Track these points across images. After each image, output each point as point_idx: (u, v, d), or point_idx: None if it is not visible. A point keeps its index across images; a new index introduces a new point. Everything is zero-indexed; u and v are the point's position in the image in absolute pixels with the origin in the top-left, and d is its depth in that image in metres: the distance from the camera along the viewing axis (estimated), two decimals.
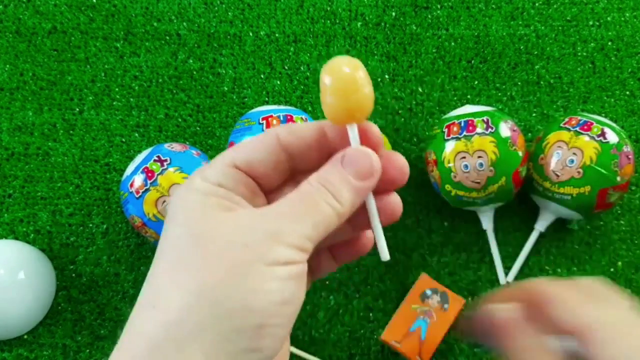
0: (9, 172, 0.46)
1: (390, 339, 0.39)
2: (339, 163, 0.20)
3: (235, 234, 0.18)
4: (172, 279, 0.17)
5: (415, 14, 0.51)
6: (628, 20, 0.51)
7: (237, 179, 0.20)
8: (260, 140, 0.21)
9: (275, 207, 0.19)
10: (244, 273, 0.17)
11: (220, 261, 0.17)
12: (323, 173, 0.20)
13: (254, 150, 0.20)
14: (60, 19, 0.50)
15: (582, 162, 0.39)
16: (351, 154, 0.20)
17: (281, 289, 0.17)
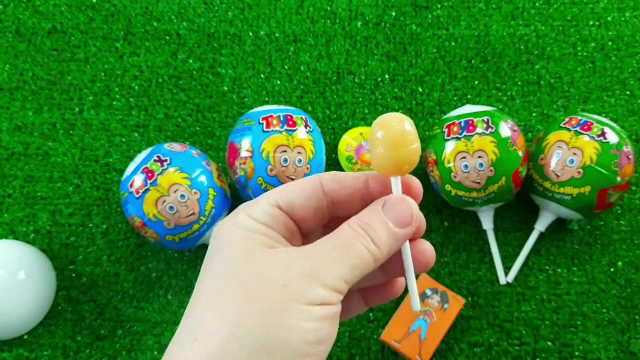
0: (9, 172, 0.46)
1: (390, 339, 0.39)
2: (380, 208, 0.20)
3: (275, 273, 0.18)
4: (214, 313, 0.18)
5: (416, 14, 0.51)
6: (628, 20, 0.51)
7: (278, 218, 0.21)
8: (304, 185, 0.21)
9: (314, 247, 0.19)
10: (283, 312, 0.18)
11: (260, 300, 0.18)
12: (364, 217, 0.20)
13: (298, 194, 0.21)
14: (60, 18, 0.50)
15: (582, 162, 0.39)
16: (393, 200, 0.21)
17: (317, 328, 0.18)
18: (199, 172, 0.38)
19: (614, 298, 0.43)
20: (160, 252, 0.44)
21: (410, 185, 0.22)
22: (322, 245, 0.19)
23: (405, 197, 0.21)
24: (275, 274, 0.18)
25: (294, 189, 0.21)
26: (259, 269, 0.18)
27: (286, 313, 0.17)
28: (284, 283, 0.18)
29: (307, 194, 0.21)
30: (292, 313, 0.18)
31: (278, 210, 0.21)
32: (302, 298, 0.18)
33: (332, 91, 0.49)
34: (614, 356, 0.42)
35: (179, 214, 0.37)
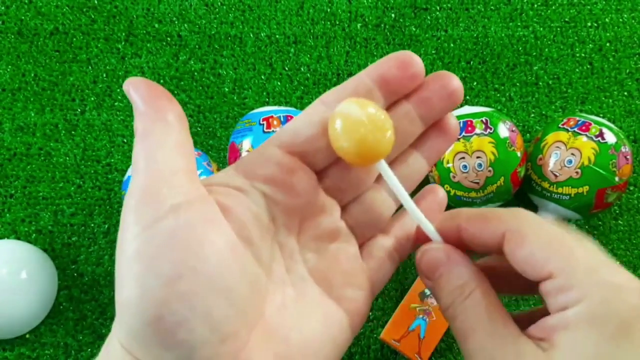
0: (11, 173, 0.46)
1: (390, 337, 0.39)
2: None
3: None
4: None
5: (415, 16, 0.52)
6: (626, 21, 0.51)
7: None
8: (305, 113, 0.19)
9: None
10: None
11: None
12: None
13: (303, 123, 0.19)
14: (62, 20, 0.51)
15: (581, 162, 0.39)
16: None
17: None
18: (200, 172, 0.39)
19: None
20: None
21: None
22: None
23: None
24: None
25: (295, 122, 0.19)
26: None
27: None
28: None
29: (307, 116, 0.19)
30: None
31: (273, 151, 0.19)
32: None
33: None
34: None
35: None
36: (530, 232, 0.18)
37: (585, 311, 0.16)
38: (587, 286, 0.16)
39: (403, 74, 0.19)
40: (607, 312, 0.16)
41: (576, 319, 0.16)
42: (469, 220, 0.20)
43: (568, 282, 0.17)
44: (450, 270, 0.20)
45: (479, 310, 0.18)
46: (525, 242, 0.18)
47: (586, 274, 0.17)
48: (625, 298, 0.16)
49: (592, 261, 0.17)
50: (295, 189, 0.19)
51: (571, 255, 0.17)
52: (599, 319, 0.16)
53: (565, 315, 0.17)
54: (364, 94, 0.19)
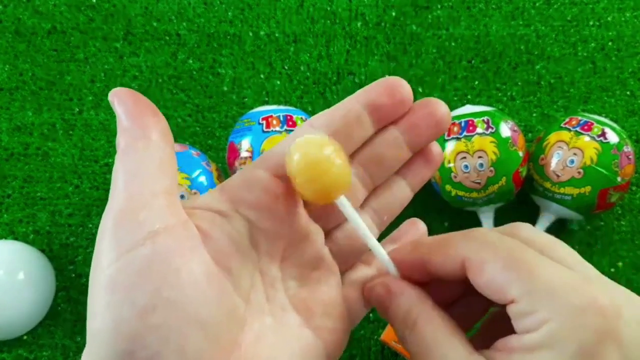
0: (8, 173, 0.46)
1: (391, 339, 0.39)
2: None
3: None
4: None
5: (416, 14, 0.51)
6: (628, 20, 0.51)
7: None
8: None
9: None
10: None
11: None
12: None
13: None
14: (60, 19, 0.50)
15: (583, 162, 0.39)
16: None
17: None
18: (199, 172, 0.38)
19: None
20: None
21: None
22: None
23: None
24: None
25: (282, 147, 0.19)
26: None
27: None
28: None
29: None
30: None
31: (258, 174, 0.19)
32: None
33: (332, 91, 0.49)
34: None
35: None
36: (488, 257, 0.17)
37: (545, 336, 0.16)
38: (548, 311, 0.16)
39: (392, 101, 0.19)
40: (566, 337, 0.16)
41: (535, 343, 0.16)
42: (430, 252, 0.19)
43: (529, 307, 0.16)
44: (392, 302, 0.20)
45: (427, 336, 0.18)
46: (484, 269, 0.17)
47: (547, 298, 0.16)
48: (585, 322, 0.16)
49: (554, 282, 0.16)
50: (280, 215, 0.18)
51: (531, 278, 0.17)
52: (558, 344, 0.16)
53: (525, 338, 0.16)
54: (354, 119, 0.19)
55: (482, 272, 0.17)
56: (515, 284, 0.17)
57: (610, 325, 0.16)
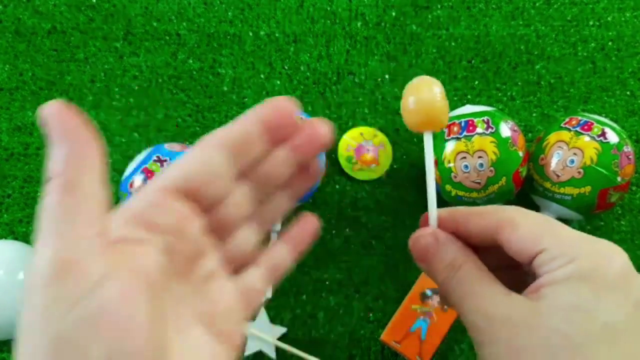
0: (9, 173, 0.46)
1: (390, 339, 0.39)
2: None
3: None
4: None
5: (416, 14, 0.51)
6: (628, 20, 0.51)
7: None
8: (190, 153, 0.20)
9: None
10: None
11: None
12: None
13: (188, 163, 0.20)
14: (60, 18, 0.50)
15: (583, 162, 0.39)
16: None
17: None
18: None
19: None
20: None
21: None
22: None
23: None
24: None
25: (180, 164, 0.20)
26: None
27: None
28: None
29: (198, 159, 0.20)
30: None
31: (168, 198, 0.19)
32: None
33: (332, 91, 0.49)
34: None
35: None
36: (521, 219, 0.21)
37: (574, 270, 0.19)
38: (577, 252, 0.19)
39: (283, 122, 0.21)
40: (594, 272, 0.19)
41: (564, 276, 0.19)
42: (465, 216, 0.23)
43: (559, 251, 0.20)
44: (440, 250, 0.23)
45: (471, 278, 0.22)
46: (518, 227, 0.21)
47: (575, 244, 0.20)
48: (611, 263, 0.19)
49: (579, 235, 0.20)
50: (189, 236, 0.19)
51: (560, 232, 0.20)
52: (586, 276, 0.19)
53: (554, 274, 0.20)
54: (249, 138, 0.21)
55: (517, 229, 0.21)
56: (545, 236, 0.20)
57: (629, 264, 0.20)
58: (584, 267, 0.19)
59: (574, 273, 0.19)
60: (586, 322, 0.19)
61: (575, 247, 0.20)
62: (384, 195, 0.46)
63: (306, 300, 0.43)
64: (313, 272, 0.44)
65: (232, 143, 0.20)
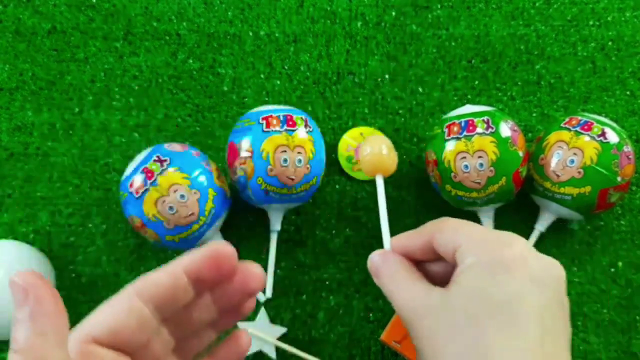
0: (9, 172, 0.46)
1: (390, 339, 0.39)
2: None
3: None
4: None
5: (416, 14, 0.51)
6: (628, 20, 0.51)
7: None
8: (114, 304, 0.20)
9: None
10: None
11: None
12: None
13: (114, 315, 0.20)
14: (60, 18, 0.50)
15: (583, 162, 0.39)
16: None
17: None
18: (199, 172, 0.38)
19: (614, 298, 0.43)
20: (160, 253, 0.44)
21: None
22: None
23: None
24: None
25: (106, 312, 0.20)
26: None
27: None
28: None
29: (123, 310, 0.20)
30: None
31: (94, 347, 0.19)
32: None
33: (332, 91, 0.49)
34: (614, 356, 0.42)
35: (178, 214, 0.37)
36: (444, 226, 0.26)
37: (478, 258, 0.24)
38: (482, 244, 0.24)
39: (217, 274, 0.21)
40: (493, 258, 0.24)
41: (470, 264, 0.24)
42: (408, 236, 0.29)
43: (470, 245, 0.25)
44: (383, 265, 0.28)
45: (399, 280, 0.27)
46: (442, 232, 0.26)
47: (482, 238, 0.25)
48: (510, 248, 0.24)
49: (488, 231, 0.26)
50: (152, 347, 0.21)
51: (472, 231, 0.26)
52: (485, 263, 0.24)
53: (463, 264, 0.24)
54: (179, 289, 0.21)
55: (442, 233, 0.26)
56: (461, 235, 0.25)
57: (528, 248, 0.24)
58: (486, 255, 0.24)
59: (478, 260, 0.24)
60: (484, 299, 0.23)
61: (482, 241, 0.25)
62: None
63: (306, 300, 0.43)
64: (313, 272, 0.44)
65: (159, 296, 0.20)
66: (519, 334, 0.22)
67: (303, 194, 0.40)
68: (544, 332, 0.22)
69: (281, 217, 0.42)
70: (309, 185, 0.40)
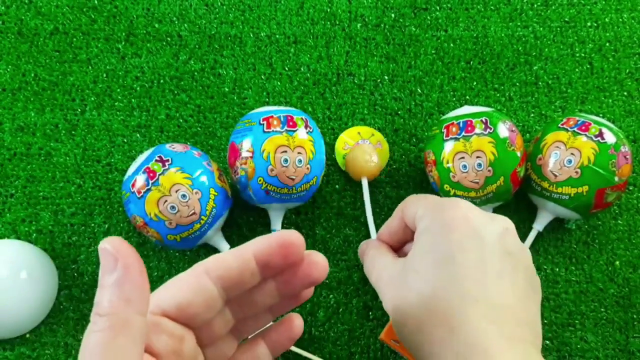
0: (11, 172, 0.46)
1: (389, 338, 0.39)
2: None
3: None
4: None
5: (415, 16, 0.52)
6: (626, 21, 0.51)
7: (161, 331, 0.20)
8: (187, 280, 0.21)
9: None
10: None
11: None
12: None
13: (184, 291, 0.20)
14: (62, 20, 0.51)
15: (580, 162, 0.39)
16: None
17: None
18: (200, 172, 0.39)
19: (612, 297, 0.43)
20: (162, 252, 0.44)
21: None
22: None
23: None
24: None
25: (175, 287, 0.20)
26: None
27: None
28: None
29: (192, 287, 0.20)
30: None
31: (163, 319, 0.20)
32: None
33: (332, 92, 0.49)
34: (612, 355, 0.42)
35: (180, 214, 0.37)
36: (408, 201, 0.31)
37: (427, 224, 0.28)
38: (431, 212, 0.28)
39: (285, 262, 0.21)
40: (437, 221, 0.27)
41: (422, 229, 0.28)
42: (388, 222, 0.34)
43: (422, 213, 0.29)
44: (367, 250, 0.34)
45: (374, 257, 0.32)
46: (406, 205, 0.31)
47: (432, 206, 0.29)
48: (448, 214, 0.27)
49: (437, 201, 0.29)
50: (184, 357, 0.21)
51: (426, 201, 0.30)
52: (433, 226, 0.28)
53: (419, 228, 0.29)
54: (247, 274, 0.21)
55: (406, 206, 0.31)
56: (419, 205, 0.30)
57: (471, 211, 0.27)
58: (435, 218, 0.28)
59: (429, 224, 0.28)
60: (432, 256, 0.26)
61: (433, 205, 0.29)
62: (383, 195, 0.46)
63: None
64: None
65: (227, 277, 0.21)
66: (462, 281, 0.25)
67: (303, 193, 0.41)
68: (486, 276, 0.25)
69: (281, 216, 0.43)
70: (309, 185, 0.40)
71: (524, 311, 0.25)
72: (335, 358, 0.42)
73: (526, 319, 0.25)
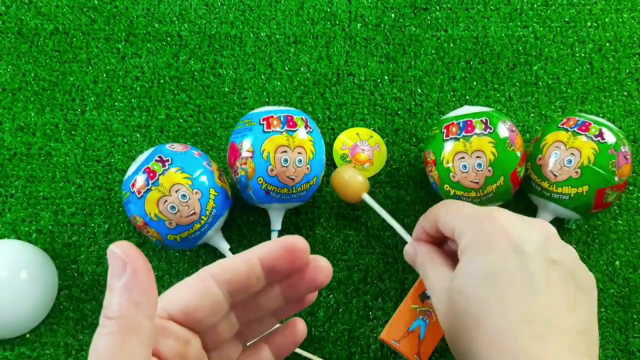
0: (11, 172, 0.46)
1: (390, 338, 0.39)
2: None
3: None
4: None
5: (415, 16, 0.52)
6: (626, 21, 0.51)
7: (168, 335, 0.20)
8: (192, 284, 0.21)
9: None
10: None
11: None
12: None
13: (189, 295, 0.21)
14: (62, 20, 0.51)
15: (580, 162, 0.39)
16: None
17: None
18: (200, 172, 0.39)
19: (612, 297, 0.43)
20: (162, 252, 0.44)
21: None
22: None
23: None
24: None
25: (182, 291, 0.21)
26: None
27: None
28: None
29: (199, 291, 0.20)
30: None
31: (170, 323, 0.20)
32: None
33: (332, 92, 0.49)
34: (612, 355, 0.42)
35: (180, 214, 0.37)
36: (441, 211, 0.33)
37: (467, 242, 0.29)
38: (469, 228, 0.29)
39: (290, 266, 0.22)
40: (476, 238, 0.28)
41: (464, 247, 0.29)
42: (421, 223, 0.35)
43: (461, 229, 0.30)
44: (418, 253, 0.35)
45: (426, 265, 0.33)
46: (439, 216, 0.32)
47: (470, 221, 0.29)
48: (486, 229, 0.28)
49: (472, 212, 0.30)
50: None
51: (463, 214, 0.30)
52: (473, 244, 0.28)
53: (460, 245, 0.29)
54: (253, 278, 0.21)
55: (439, 217, 0.32)
56: (453, 219, 0.31)
57: (494, 227, 0.28)
58: (474, 233, 0.28)
59: (468, 244, 0.28)
60: (475, 278, 0.27)
61: (467, 224, 0.29)
62: (383, 195, 0.46)
63: None
64: None
65: (233, 281, 0.21)
66: (507, 301, 0.25)
67: (303, 193, 0.41)
68: (531, 291, 0.25)
69: (281, 216, 0.43)
70: (309, 185, 0.41)
71: (576, 321, 0.24)
72: (335, 358, 0.42)
73: (578, 328, 0.24)
